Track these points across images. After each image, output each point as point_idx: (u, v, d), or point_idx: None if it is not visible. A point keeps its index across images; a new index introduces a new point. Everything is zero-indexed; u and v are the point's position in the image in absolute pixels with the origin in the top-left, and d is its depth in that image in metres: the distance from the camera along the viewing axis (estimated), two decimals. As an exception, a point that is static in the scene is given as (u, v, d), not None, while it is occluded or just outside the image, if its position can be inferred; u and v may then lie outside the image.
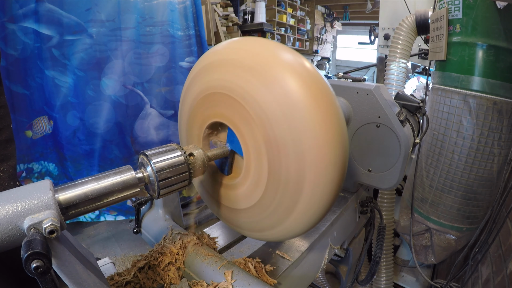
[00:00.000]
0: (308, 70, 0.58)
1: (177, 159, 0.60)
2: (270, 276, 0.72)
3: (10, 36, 2.13)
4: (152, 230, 0.93)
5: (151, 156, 0.58)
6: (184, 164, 0.61)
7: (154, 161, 0.57)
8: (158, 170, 0.57)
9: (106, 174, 0.54)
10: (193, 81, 0.74)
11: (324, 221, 0.94)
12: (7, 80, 2.19)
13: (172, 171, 0.59)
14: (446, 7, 1.53)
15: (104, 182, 0.53)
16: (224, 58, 0.66)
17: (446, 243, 1.73)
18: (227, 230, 1.02)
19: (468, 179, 1.55)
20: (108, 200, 0.53)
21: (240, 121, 0.65)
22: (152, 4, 2.52)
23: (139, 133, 2.67)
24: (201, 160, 0.66)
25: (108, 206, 0.54)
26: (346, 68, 10.28)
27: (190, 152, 0.64)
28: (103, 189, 0.52)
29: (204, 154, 0.67)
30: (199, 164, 0.65)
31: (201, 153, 0.66)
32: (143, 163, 0.60)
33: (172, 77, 2.71)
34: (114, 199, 0.54)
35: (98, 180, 0.53)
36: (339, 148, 0.57)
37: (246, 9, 6.19)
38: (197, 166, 0.65)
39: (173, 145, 0.63)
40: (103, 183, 0.53)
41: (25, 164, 2.43)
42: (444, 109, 1.59)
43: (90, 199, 0.51)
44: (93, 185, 0.52)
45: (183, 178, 0.61)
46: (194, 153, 0.65)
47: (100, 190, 0.52)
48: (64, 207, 0.48)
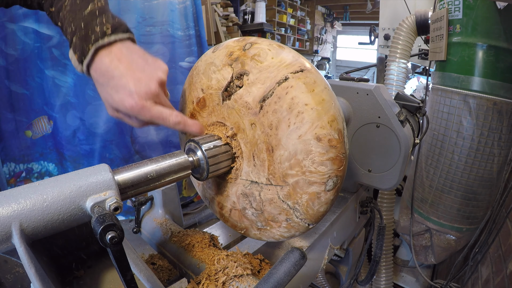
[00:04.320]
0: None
1: (219, 142, 0.69)
2: (270, 276, 0.72)
3: (10, 36, 2.12)
4: (152, 230, 0.93)
5: (200, 141, 0.66)
6: (227, 144, 0.70)
7: (204, 145, 0.65)
8: (207, 151, 0.65)
9: (161, 157, 0.61)
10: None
11: (324, 221, 0.93)
12: (7, 80, 2.19)
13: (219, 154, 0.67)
14: (446, 8, 1.53)
15: (161, 164, 0.59)
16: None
17: (446, 244, 1.73)
18: (227, 230, 1.02)
19: (468, 179, 1.55)
20: (164, 181, 0.60)
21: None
22: (152, 4, 2.52)
23: (139, 133, 2.67)
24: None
25: (162, 186, 0.61)
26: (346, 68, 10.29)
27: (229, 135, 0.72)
28: (162, 170, 0.58)
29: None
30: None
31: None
32: (191, 149, 0.67)
33: (172, 77, 2.71)
34: (168, 180, 0.60)
35: (156, 162, 0.59)
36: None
37: (246, 9, 6.20)
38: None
39: (213, 134, 0.71)
40: (161, 165, 0.59)
41: (24, 164, 2.43)
42: (444, 110, 1.59)
43: (147, 180, 0.57)
44: (152, 166, 0.57)
45: (227, 157, 0.69)
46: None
47: (159, 170, 0.58)
48: (122, 187, 0.53)
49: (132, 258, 0.55)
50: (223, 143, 0.69)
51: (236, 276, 0.65)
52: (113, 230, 0.43)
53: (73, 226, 0.48)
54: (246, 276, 0.66)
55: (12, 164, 2.36)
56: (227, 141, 0.69)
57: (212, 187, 0.80)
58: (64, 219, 0.46)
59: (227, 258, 0.71)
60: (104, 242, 0.42)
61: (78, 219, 0.47)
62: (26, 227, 0.43)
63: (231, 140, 0.69)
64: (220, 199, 0.79)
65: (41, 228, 0.44)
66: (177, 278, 0.80)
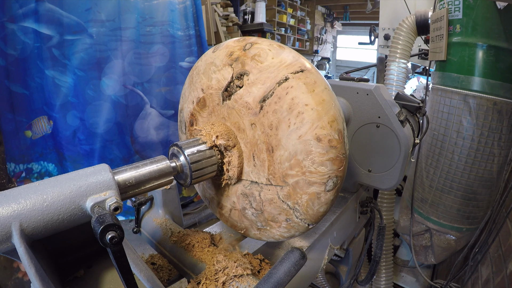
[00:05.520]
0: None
1: (204, 146, 0.66)
2: (270, 276, 0.72)
3: (10, 36, 2.12)
4: (152, 230, 0.92)
5: (183, 146, 0.64)
6: (212, 149, 0.67)
7: (187, 150, 0.63)
8: (190, 156, 0.63)
9: (142, 162, 0.59)
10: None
11: (324, 221, 0.93)
12: (7, 80, 2.19)
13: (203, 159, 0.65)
14: (446, 8, 1.53)
15: (141, 171, 0.58)
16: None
17: (446, 244, 1.73)
18: (227, 230, 1.01)
19: (468, 179, 1.55)
20: (144, 188, 0.58)
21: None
22: (152, 4, 2.52)
23: (139, 133, 2.67)
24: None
25: (143, 193, 0.59)
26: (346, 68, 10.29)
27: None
28: (141, 177, 0.57)
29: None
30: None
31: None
32: (174, 154, 0.65)
33: (172, 77, 2.71)
34: (149, 187, 0.59)
35: (136, 169, 0.57)
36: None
37: (246, 9, 6.20)
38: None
39: (199, 137, 0.68)
40: (140, 171, 0.57)
41: (24, 164, 2.43)
42: (444, 110, 1.59)
43: (126, 187, 0.56)
44: (131, 173, 0.56)
45: (212, 162, 0.67)
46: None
47: (138, 177, 0.57)
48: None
49: (132, 258, 0.55)
50: (208, 147, 0.66)
51: (236, 276, 0.65)
52: (113, 230, 0.43)
53: (73, 226, 0.48)
54: (246, 276, 0.66)
55: (12, 164, 2.36)
56: (212, 145, 0.67)
57: (212, 187, 0.80)
58: (64, 219, 0.46)
59: (227, 258, 0.71)
60: (104, 242, 0.42)
61: (78, 219, 0.48)
62: (26, 227, 0.43)
63: (224, 147, 0.66)
64: (220, 199, 0.79)
65: (41, 228, 0.44)
66: (177, 278, 0.80)
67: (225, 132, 0.67)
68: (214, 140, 0.66)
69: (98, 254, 0.65)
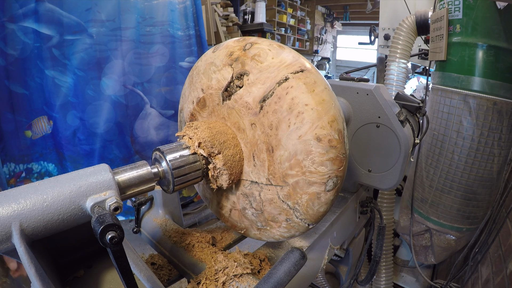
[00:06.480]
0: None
1: (187, 152, 0.64)
2: (270, 276, 0.72)
3: (10, 36, 2.12)
4: (152, 230, 0.93)
5: (165, 151, 0.62)
6: (195, 154, 0.64)
7: (168, 156, 0.61)
8: (172, 162, 0.61)
9: (122, 168, 0.57)
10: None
11: (324, 221, 0.93)
12: (7, 80, 2.19)
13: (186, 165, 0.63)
14: (446, 8, 1.53)
15: (121, 177, 0.55)
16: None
17: (446, 244, 1.73)
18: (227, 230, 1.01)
19: (468, 179, 1.55)
20: (124, 195, 0.56)
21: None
22: (152, 4, 2.52)
23: (139, 133, 2.67)
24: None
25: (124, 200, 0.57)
26: (346, 68, 10.29)
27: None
28: (120, 183, 0.55)
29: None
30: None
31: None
32: (156, 159, 0.63)
33: (172, 77, 2.71)
34: (129, 194, 0.57)
35: (116, 175, 0.55)
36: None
37: (246, 9, 6.20)
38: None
39: (183, 141, 0.66)
40: (119, 177, 0.55)
41: (24, 164, 2.43)
42: (444, 110, 1.59)
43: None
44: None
45: (196, 168, 0.64)
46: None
47: (117, 184, 0.54)
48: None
49: (132, 258, 0.55)
50: (191, 152, 0.64)
51: (236, 276, 0.65)
52: (113, 230, 0.43)
53: (73, 226, 0.48)
54: (246, 276, 0.66)
55: (12, 164, 2.36)
56: (195, 150, 0.64)
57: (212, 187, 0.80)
58: (64, 219, 0.46)
59: (227, 258, 0.71)
60: (104, 242, 0.42)
61: (78, 219, 0.48)
62: (26, 227, 0.43)
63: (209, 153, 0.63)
64: (220, 199, 0.79)
65: (41, 228, 0.44)
66: (177, 278, 0.80)
67: (209, 138, 0.63)
68: (195, 148, 0.63)
69: (98, 254, 0.65)
